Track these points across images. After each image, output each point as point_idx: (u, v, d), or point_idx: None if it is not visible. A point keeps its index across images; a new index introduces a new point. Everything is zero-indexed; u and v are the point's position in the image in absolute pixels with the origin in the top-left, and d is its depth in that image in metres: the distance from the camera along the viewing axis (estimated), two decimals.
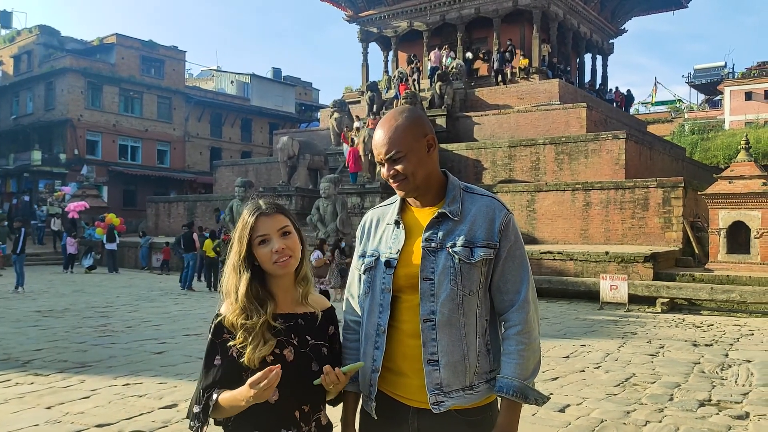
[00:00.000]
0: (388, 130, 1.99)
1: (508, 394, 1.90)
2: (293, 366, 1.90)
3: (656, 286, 14.09)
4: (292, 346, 1.93)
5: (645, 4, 34.13)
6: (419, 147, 1.99)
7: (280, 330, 1.92)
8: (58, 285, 17.85)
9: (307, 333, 1.97)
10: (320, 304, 2.08)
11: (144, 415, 5.44)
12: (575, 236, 18.54)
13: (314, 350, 1.96)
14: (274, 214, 1.96)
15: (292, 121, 48.22)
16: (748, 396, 6.36)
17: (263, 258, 1.94)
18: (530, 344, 1.95)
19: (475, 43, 29.60)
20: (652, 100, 62.44)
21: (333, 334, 2.08)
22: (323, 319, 2.03)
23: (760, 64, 49.97)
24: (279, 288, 1.99)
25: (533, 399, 1.92)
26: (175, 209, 28.77)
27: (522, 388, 1.90)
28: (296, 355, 1.93)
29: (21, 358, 7.76)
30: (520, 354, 1.93)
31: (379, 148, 2.00)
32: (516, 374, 1.91)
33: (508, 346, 1.95)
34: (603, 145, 20.29)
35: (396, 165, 1.98)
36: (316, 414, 1.97)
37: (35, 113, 39.26)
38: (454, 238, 1.94)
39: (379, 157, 2.01)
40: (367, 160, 21.30)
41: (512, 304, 1.96)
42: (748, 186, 14.99)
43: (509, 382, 1.91)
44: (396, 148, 1.97)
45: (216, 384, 1.90)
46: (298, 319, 1.98)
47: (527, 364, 1.93)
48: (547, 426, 5.26)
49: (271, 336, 1.90)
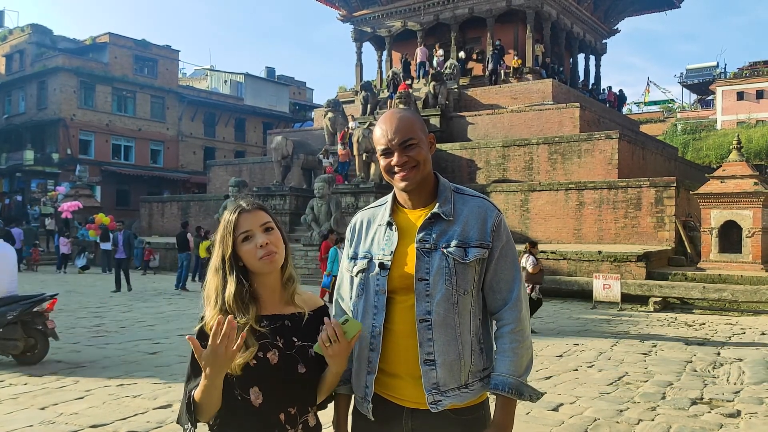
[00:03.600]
0: (399, 120, 2.00)
1: (504, 391, 1.91)
2: (278, 368, 1.87)
3: (649, 285, 14.17)
4: (277, 348, 1.90)
5: (638, 4, 34.29)
6: (426, 141, 2.03)
7: (265, 332, 1.88)
8: (51, 285, 17.77)
9: (293, 334, 1.94)
10: (310, 304, 2.04)
11: (138, 415, 5.44)
12: (568, 236, 18.60)
13: (300, 352, 1.93)
14: (254, 210, 1.95)
15: (286, 120, 48.17)
16: (740, 394, 6.41)
17: (248, 255, 1.90)
18: (524, 342, 1.97)
19: (469, 43, 29.68)
20: (644, 99, 62.71)
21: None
22: (312, 319, 1.99)
23: (751, 64, 50.26)
24: (265, 288, 1.95)
25: (528, 395, 1.94)
26: (169, 209, 28.69)
27: (517, 384, 1.92)
28: (281, 358, 1.89)
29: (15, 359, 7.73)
30: (514, 351, 1.95)
31: (391, 135, 1.98)
32: (511, 371, 1.93)
33: (502, 344, 1.97)
34: (596, 144, 20.37)
35: (409, 152, 1.97)
36: (303, 416, 1.94)
37: (27, 113, 39.10)
38: (448, 239, 1.95)
39: (389, 144, 1.98)
40: (361, 160, 21.32)
41: (505, 302, 1.99)
42: (740, 185, 15.09)
43: (504, 379, 1.93)
44: (410, 134, 1.98)
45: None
46: (284, 320, 1.95)
47: (521, 361, 1.95)
48: (541, 425, 5.28)
49: (253, 341, 1.85)
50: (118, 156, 39.88)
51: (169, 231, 26.95)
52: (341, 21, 32.56)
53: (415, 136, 1.98)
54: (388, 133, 1.98)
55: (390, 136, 1.98)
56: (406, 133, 1.97)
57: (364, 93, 26.98)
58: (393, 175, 2.01)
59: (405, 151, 1.97)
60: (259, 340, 1.88)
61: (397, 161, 1.98)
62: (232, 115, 45.45)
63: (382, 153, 2.02)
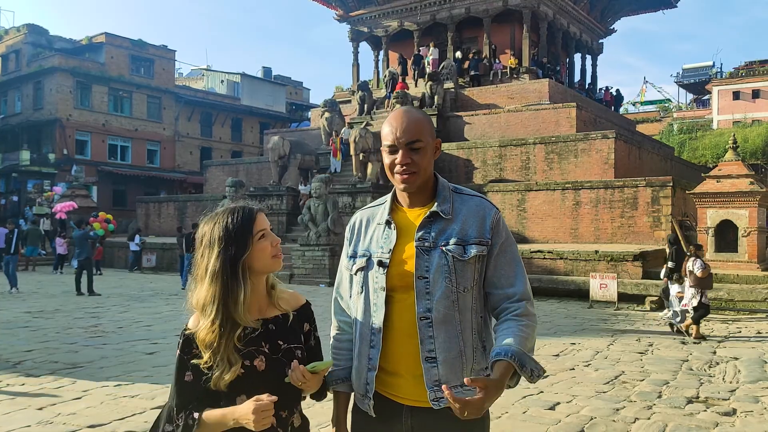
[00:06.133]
0: (410, 120, 1.99)
1: (507, 356, 1.82)
2: (265, 374, 1.87)
3: (645, 284, 14.21)
4: (263, 354, 1.88)
5: (634, 4, 34.36)
6: (432, 146, 2.03)
7: (249, 339, 1.86)
8: (47, 286, 17.76)
9: (279, 338, 1.93)
10: (293, 303, 2.03)
11: (136, 415, 5.44)
12: (565, 235, 18.64)
13: (287, 355, 1.92)
14: (261, 211, 1.96)
15: (283, 120, 48.13)
16: (736, 393, 6.45)
17: (262, 254, 1.88)
18: (531, 324, 1.94)
19: (466, 42, 29.70)
20: (641, 99, 62.82)
21: (308, 331, 2.03)
22: (295, 319, 1.99)
23: (747, 63, 50.42)
24: (254, 291, 1.92)
25: (529, 369, 1.84)
26: (166, 209, 28.66)
27: (520, 353, 1.84)
28: (268, 363, 1.88)
29: (12, 360, 7.73)
30: (520, 328, 1.90)
31: (401, 131, 1.97)
32: (515, 342, 1.86)
33: (507, 326, 1.92)
34: (592, 144, 20.41)
35: (413, 154, 1.97)
36: (290, 417, 1.96)
37: (24, 113, 39.01)
38: (447, 237, 1.97)
39: (396, 141, 1.98)
40: (358, 159, 21.33)
41: (507, 297, 1.98)
42: (736, 185, 15.13)
43: (508, 347, 1.84)
44: (419, 137, 1.98)
45: (191, 401, 1.86)
46: (269, 324, 1.93)
47: (527, 340, 1.89)
48: (538, 423, 5.30)
49: (237, 357, 1.83)
50: (115, 156, 39.82)
51: (166, 231, 26.92)
52: (338, 21, 32.56)
53: (422, 138, 1.98)
54: (397, 130, 1.98)
55: (398, 134, 1.97)
56: (414, 135, 1.97)
57: (361, 93, 26.99)
58: (395, 174, 2.01)
59: (410, 153, 1.97)
60: (244, 349, 1.86)
61: (401, 160, 1.98)
62: (229, 115, 45.41)
63: (388, 149, 2.01)
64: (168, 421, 1.85)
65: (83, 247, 15.74)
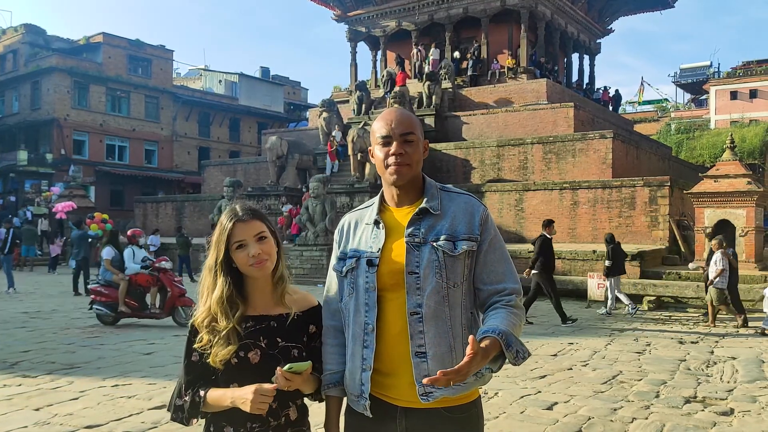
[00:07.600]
0: (402, 114, 2.07)
1: (494, 334, 1.82)
2: (258, 368, 1.96)
3: (643, 284, 14.22)
4: (260, 348, 1.99)
5: (632, 3, 34.39)
6: (422, 144, 2.09)
7: (248, 332, 1.99)
8: (45, 286, 17.73)
9: (277, 335, 2.02)
10: (301, 304, 2.10)
11: (134, 416, 5.43)
12: (563, 235, 18.64)
13: (283, 352, 2.00)
14: (250, 220, 2.03)
15: (281, 120, 48.13)
16: (733, 392, 6.45)
17: (240, 261, 2.01)
18: (519, 315, 1.97)
19: (463, 42, 29.71)
20: (638, 99, 62.79)
21: (314, 333, 2.11)
22: (300, 320, 2.07)
23: (745, 63, 50.49)
24: (255, 289, 2.05)
25: (515, 350, 1.84)
26: (163, 209, 28.64)
27: (507, 333, 1.84)
28: (263, 357, 1.98)
29: (8, 360, 7.72)
30: (509, 315, 1.92)
31: (396, 123, 2.03)
32: (502, 324, 1.87)
33: (496, 312, 1.94)
34: (590, 144, 20.44)
35: (407, 146, 2.03)
36: (284, 410, 2.02)
37: (21, 113, 38.96)
38: (437, 233, 1.98)
39: (391, 131, 2.02)
40: (356, 159, 21.33)
41: (497, 292, 2.00)
42: (734, 185, 15.14)
43: (495, 327, 1.85)
44: (411, 129, 2.04)
45: (198, 380, 2.02)
46: (270, 321, 2.03)
47: (515, 325, 1.91)
48: (536, 423, 5.31)
49: (235, 339, 1.97)
50: (113, 156, 39.79)
51: (164, 231, 26.88)
52: (336, 21, 32.54)
53: (415, 132, 2.05)
54: (392, 122, 2.03)
55: (393, 125, 2.03)
56: (408, 127, 2.04)
57: (359, 93, 27.00)
58: (387, 166, 2.03)
59: (404, 144, 2.02)
60: (242, 340, 1.98)
61: (395, 150, 2.01)
62: (227, 115, 45.39)
63: (383, 140, 2.04)
64: (178, 396, 2.03)
65: (81, 247, 15.70)
